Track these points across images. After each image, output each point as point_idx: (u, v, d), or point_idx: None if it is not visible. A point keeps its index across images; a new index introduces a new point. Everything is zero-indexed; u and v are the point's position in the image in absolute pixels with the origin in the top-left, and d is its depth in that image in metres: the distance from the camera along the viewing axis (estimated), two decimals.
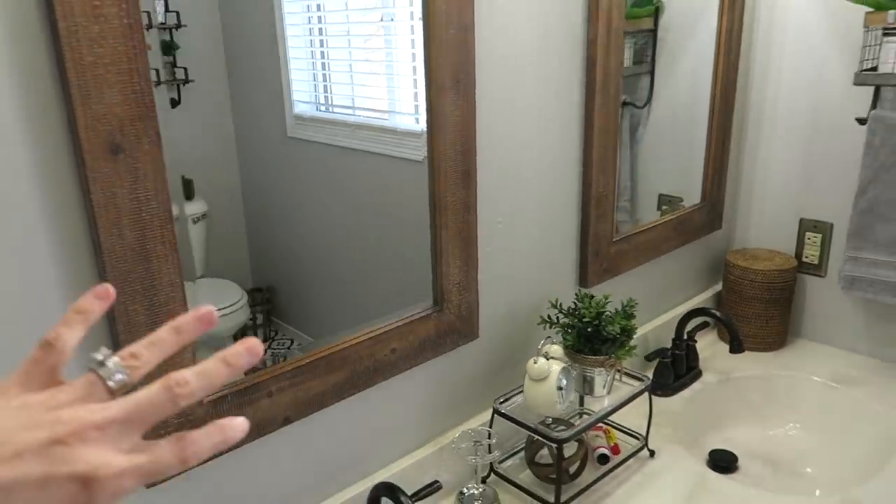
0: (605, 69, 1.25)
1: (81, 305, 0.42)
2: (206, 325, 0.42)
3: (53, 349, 0.40)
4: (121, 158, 0.72)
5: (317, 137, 1.36)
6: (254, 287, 1.42)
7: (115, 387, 0.39)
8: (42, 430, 0.35)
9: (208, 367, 0.40)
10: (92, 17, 0.66)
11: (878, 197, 1.45)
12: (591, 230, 1.34)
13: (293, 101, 1.35)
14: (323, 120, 1.34)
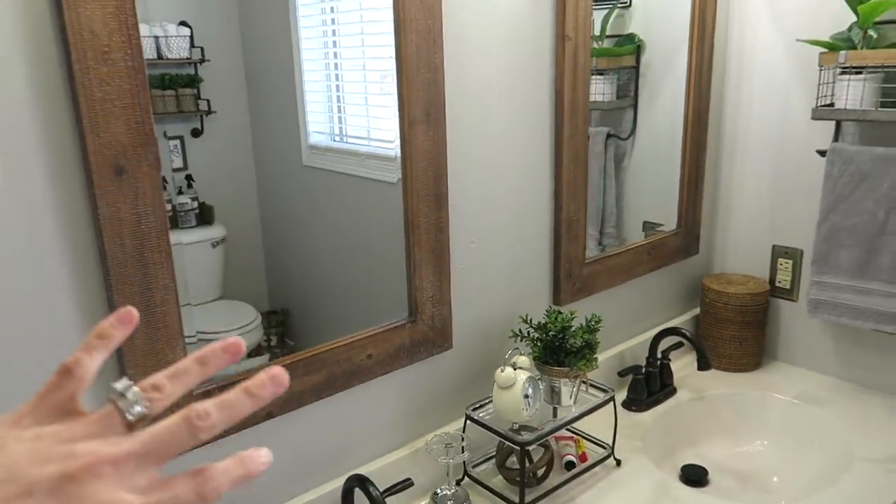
0: (573, 103, 1.37)
1: (104, 330, 0.40)
2: (233, 357, 0.40)
3: (72, 376, 0.38)
4: (124, 179, 0.85)
5: (330, 166, 1.45)
6: (269, 309, 1.48)
7: (133, 420, 0.37)
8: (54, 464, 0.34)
9: (231, 398, 0.38)
10: (102, 60, 0.80)
11: (837, 224, 1.53)
12: (563, 252, 1.44)
13: (309, 132, 1.43)
14: (337, 150, 1.43)
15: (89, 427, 0.36)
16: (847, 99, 1.44)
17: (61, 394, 0.38)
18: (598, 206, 1.71)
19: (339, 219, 1.47)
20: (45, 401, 0.37)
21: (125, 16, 0.80)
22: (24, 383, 0.83)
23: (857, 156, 1.49)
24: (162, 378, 0.39)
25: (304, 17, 1.34)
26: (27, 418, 0.37)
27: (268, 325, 1.45)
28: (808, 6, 1.59)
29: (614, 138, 1.72)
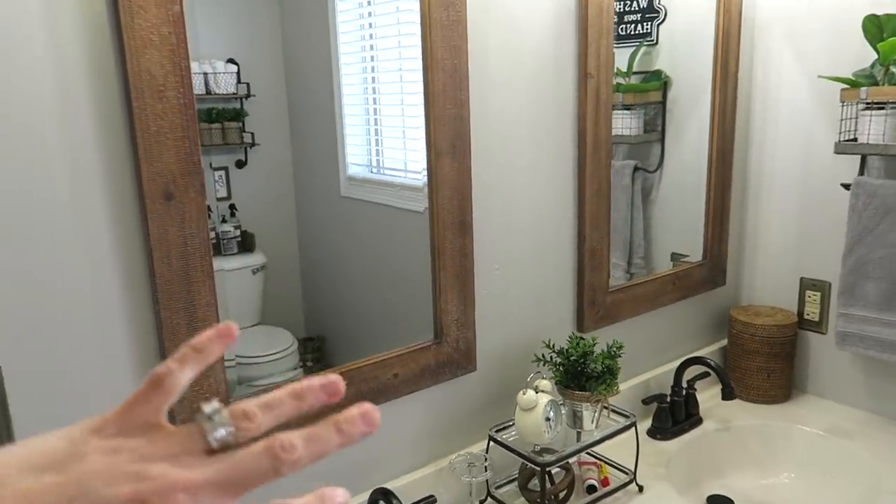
0: (596, 138, 1.43)
1: (200, 343, 0.39)
2: (331, 396, 0.39)
3: (162, 388, 0.37)
4: (172, 204, 0.93)
5: (367, 197, 1.51)
6: (306, 336, 1.53)
7: (216, 445, 0.35)
8: (127, 484, 0.33)
9: (319, 432, 0.36)
10: (157, 98, 0.89)
11: (863, 257, 1.54)
12: (587, 280, 1.49)
13: (347, 164, 1.50)
14: (374, 181, 1.50)
15: (169, 446, 0.35)
16: (869, 134, 1.46)
17: (148, 406, 0.36)
18: (625, 237, 1.75)
19: (374, 247, 1.52)
20: (131, 411, 0.36)
21: (179, 58, 0.90)
22: (76, 393, 0.91)
23: (880, 189, 1.50)
24: (254, 407, 0.36)
25: (345, 54, 1.43)
26: (110, 427, 0.35)
27: (304, 350, 1.51)
28: (830, 45, 1.63)
29: (641, 171, 1.77)
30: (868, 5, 1.52)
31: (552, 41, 1.35)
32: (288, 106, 1.45)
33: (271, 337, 1.53)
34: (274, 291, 1.54)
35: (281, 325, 1.55)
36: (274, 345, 1.50)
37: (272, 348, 1.49)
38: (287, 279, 1.54)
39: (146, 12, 0.86)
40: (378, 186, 1.48)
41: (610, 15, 1.40)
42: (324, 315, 1.58)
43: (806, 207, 1.75)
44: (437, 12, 1.14)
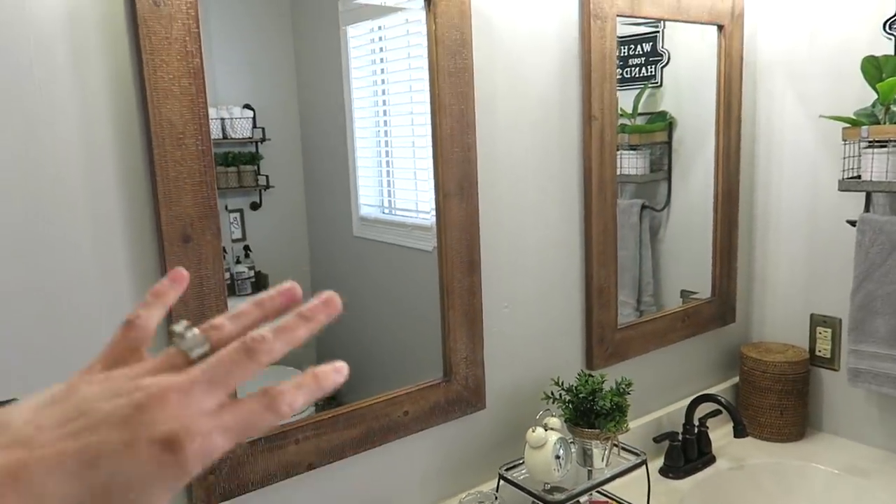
0: (601, 178, 1.46)
1: (158, 289, 0.44)
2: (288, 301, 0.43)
3: (135, 326, 0.41)
4: (190, 246, 0.97)
5: (379, 237, 1.54)
6: None
7: (196, 357, 0.38)
8: (123, 397, 0.35)
9: (287, 322, 0.40)
10: (177, 145, 0.94)
11: (872, 293, 1.55)
12: (595, 318, 1.50)
13: (360, 205, 1.53)
14: (386, 221, 1.52)
15: (155, 366, 0.38)
16: (873, 171, 1.49)
17: (126, 344, 0.40)
18: (634, 275, 1.77)
19: (385, 286, 1.55)
20: (111, 352, 0.40)
21: (198, 108, 0.95)
22: None
23: (887, 225, 1.52)
24: (220, 318, 0.41)
25: (357, 98, 1.47)
26: (97, 367, 0.39)
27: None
28: (831, 86, 1.66)
29: (649, 210, 1.80)
30: (866, 47, 1.55)
31: (557, 86, 1.39)
32: (302, 149, 1.48)
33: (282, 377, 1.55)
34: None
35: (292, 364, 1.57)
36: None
37: None
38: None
39: (168, 65, 0.91)
40: (390, 227, 1.51)
41: (612, 60, 1.45)
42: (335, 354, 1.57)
43: (813, 244, 1.77)
44: (444, 60, 1.18)
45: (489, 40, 1.27)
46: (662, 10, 1.52)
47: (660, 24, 1.67)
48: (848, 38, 1.62)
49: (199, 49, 0.94)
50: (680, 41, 1.71)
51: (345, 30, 1.41)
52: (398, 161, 1.48)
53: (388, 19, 1.38)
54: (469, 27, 1.21)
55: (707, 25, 1.67)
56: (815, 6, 1.68)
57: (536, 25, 1.34)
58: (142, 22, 0.89)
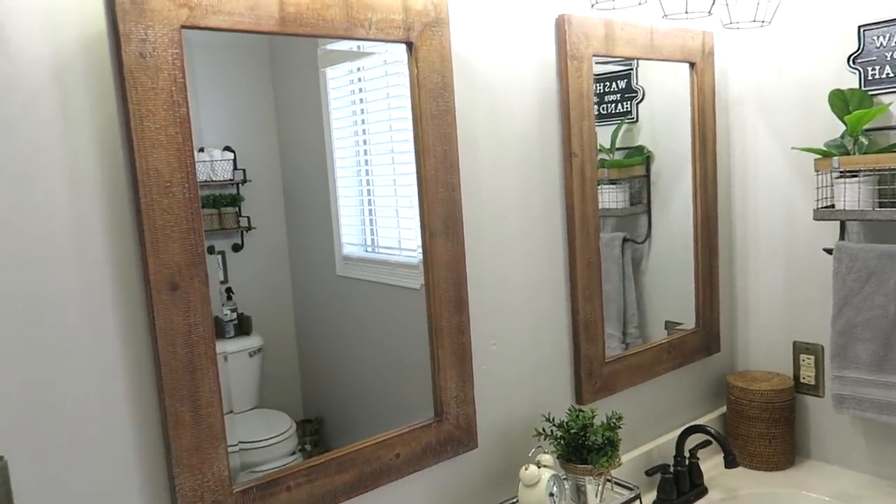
0: (583, 213, 1.48)
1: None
2: None
3: None
4: (178, 294, 0.97)
5: (363, 276, 1.53)
6: (304, 418, 1.53)
7: None
8: None
9: None
10: (164, 194, 0.94)
11: (851, 319, 1.58)
12: (583, 352, 1.51)
13: (343, 244, 1.53)
14: (369, 260, 1.52)
15: None
16: (845, 200, 1.53)
17: None
18: (618, 307, 1.78)
19: (370, 325, 1.54)
20: None
21: (184, 156, 0.95)
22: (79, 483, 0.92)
23: (861, 253, 1.55)
24: None
25: (338, 138, 1.48)
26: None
27: (302, 433, 1.50)
28: (801, 118, 1.72)
29: (630, 242, 1.82)
30: (832, 81, 1.61)
31: (537, 125, 1.42)
32: (283, 190, 1.49)
33: (269, 420, 1.52)
34: (271, 373, 1.54)
35: (278, 407, 1.54)
36: (272, 428, 1.49)
37: (271, 432, 1.48)
38: (284, 361, 1.55)
39: (154, 115, 0.92)
40: (373, 265, 1.51)
41: (590, 98, 1.48)
42: (321, 396, 1.58)
43: (792, 272, 1.80)
44: (426, 103, 1.21)
45: (470, 83, 1.30)
46: (636, 50, 1.57)
47: (633, 62, 1.72)
48: (814, 73, 1.68)
49: (186, 98, 0.95)
50: (653, 78, 1.75)
51: (324, 71, 1.43)
52: (380, 199, 1.49)
53: (367, 61, 1.40)
54: (450, 71, 1.23)
55: (679, 63, 1.72)
56: (782, 42, 1.74)
57: (515, 67, 1.37)
58: (128, 73, 0.90)
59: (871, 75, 1.57)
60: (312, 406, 1.55)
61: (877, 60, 1.56)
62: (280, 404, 1.54)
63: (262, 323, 1.49)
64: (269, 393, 1.54)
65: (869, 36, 1.57)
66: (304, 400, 1.57)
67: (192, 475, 0.99)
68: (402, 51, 1.20)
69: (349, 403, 1.55)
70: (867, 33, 1.57)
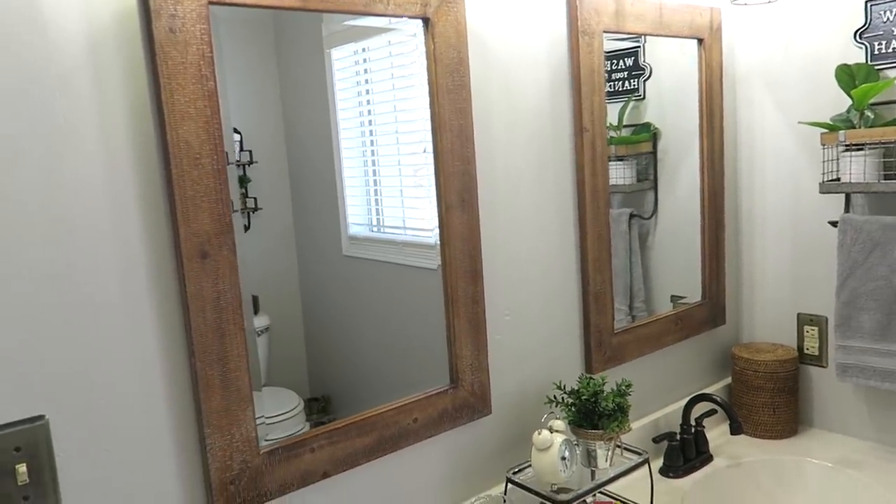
0: (594, 187, 1.51)
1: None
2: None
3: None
4: (207, 262, 1.00)
5: (369, 255, 1.55)
6: (311, 397, 1.55)
7: None
8: None
9: None
10: (194, 165, 0.97)
11: (856, 290, 1.61)
12: (592, 323, 1.55)
13: (349, 224, 1.55)
14: (375, 240, 1.54)
15: None
16: (851, 173, 1.56)
17: None
18: (625, 282, 1.81)
19: (377, 304, 1.56)
20: None
21: (213, 128, 0.99)
22: (118, 443, 0.96)
23: (866, 225, 1.58)
24: None
25: (343, 119, 1.49)
26: None
27: (309, 411, 1.52)
28: (807, 92, 1.74)
29: (637, 218, 1.85)
30: (838, 56, 1.63)
31: (549, 100, 1.45)
32: (289, 170, 1.51)
33: (278, 398, 1.55)
34: (278, 353, 1.56)
35: (285, 386, 1.57)
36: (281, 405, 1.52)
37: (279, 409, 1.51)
38: (291, 340, 1.57)
39: (184, 89, 0.95)
40: (379, 244, 1.54)
41: (601, 74, 1.51)
42: (328, 374, 1.61)
43: (798, 245, 1.83)
44: (443, 78, 1.23)
45: (484, 58, 1.32)
46: (646, 26, 1.59)
47: (641, 40, 1.74)
48: (821, 48, 1.70)
49: (213, 72, 0.98)
50: (660, 55, 1.78)
51: (329, 52, 1.45)
52: (385, 180, 1.52)
53: (372, 41, 1.42)
54: (465, 46, 1.26)
55: (687, 39, 1.74)
56: (789, 18, 1.76)
57: (528, 43, 1.40)
58: (159, 48, 0.93)
59: (878, 50, 1.59)
60: (319, 385, 1.58)
61: (883, 35, 1.58)
62: (287, 383, 1.56)
63: (269, 303, 1.51)
64: (277, 372, 1.56)
65: (876, 10, 1.59)
66: (311, 379, 1.60)
67: (222, 435, 1.04)
68: (410, 31, 1.23)
69: (355, 382, 1.58)
70: (874, 8, 1.59)
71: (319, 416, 1.55)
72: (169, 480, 1.02)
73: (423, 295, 1.42)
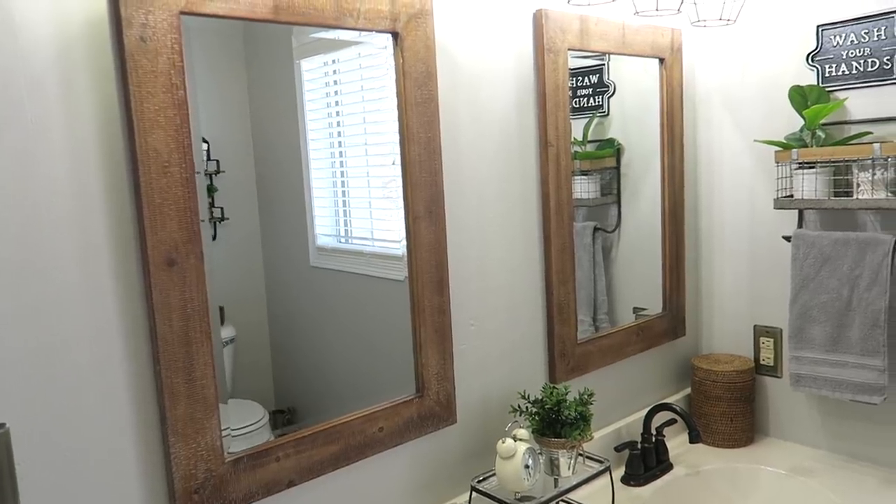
0: (558, 200, 1.55)
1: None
2: None
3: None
4: (175, 269, 1.01)
5: (337, 266, 1.55)
6: (276, 409, 1.53)
7: None
8: None
9: None
10: (163, 174, 0.98)
11: (807, 303, 1.67)
12: (556, 333, 1.58)
13: (316, 235, 1.54)
14: (343, 251, 1.54)
15: None
16: (803, 190, 1.62)
17: None
18: (589, 294, 1.85)
19: (344, 315, 1.56)
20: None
21: (182, 137, 0.99)
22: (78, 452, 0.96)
23: (817, 240, 1.65)
24: None
25: (312, 130, 1.49)
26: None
27: (274, 424, 1.50)
28: (763, 112, 1.81)
29: (601, 231, 1.90)
30: (792, 77, 1.70)
31: (515, 114, 1.48)
32: (257, 180, 1.50)
33: (243, 410, 1.54)
34: (243, 364, 1.55)
35: (250, 397, 1.55)
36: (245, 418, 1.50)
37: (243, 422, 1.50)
38: (257, 351, 1.56)
39: (154, 97, 0.96)
40: (347, 256, 1.54)
41: (565, 90, 1.55)
42: (294, 386, 1.60)
43: (754, 260, 1.90)
44: (411, 91, 1.26)
45: (452, 73, 1.35)
46: (609, 45, 1.64)
47: (605, 58, 1.79)
48: (776, 70, 1.77)
49: (184, 82, 0.99)
50: (624, 74, 1.83)
51: (299, 63, 1.46)
52: (354, 191, 1.52)
53: (342, 53, 1.43)
54: (434, 61, 1.29)
55: (649, 59, 1.79)
56: (746, 41, 1.83)
57: (495, 59, 1.43)
58: (129, 56, 0.94)
59: (829, 72, 1.67)
60: (285, 396, 1.57)
61: (834, 59, 1.66)
62: (253, 394, 1.54)
63: (235, 314, 1.50)
64: (242, 383, 1.55)
65: (827, 35, 1.66)
66: (277, 390, 1.59)
67: (187, 444, 1.04)
68: (380, 44, 1.25)
69: (321, 393, 1.57)
70: (825, 33, 1.67)
71: (285, 429, 1.51)
72: (132, 489, 1.01)
73: (390, 306, 1.42)
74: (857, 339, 1.61)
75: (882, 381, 1.58)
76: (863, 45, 1.61)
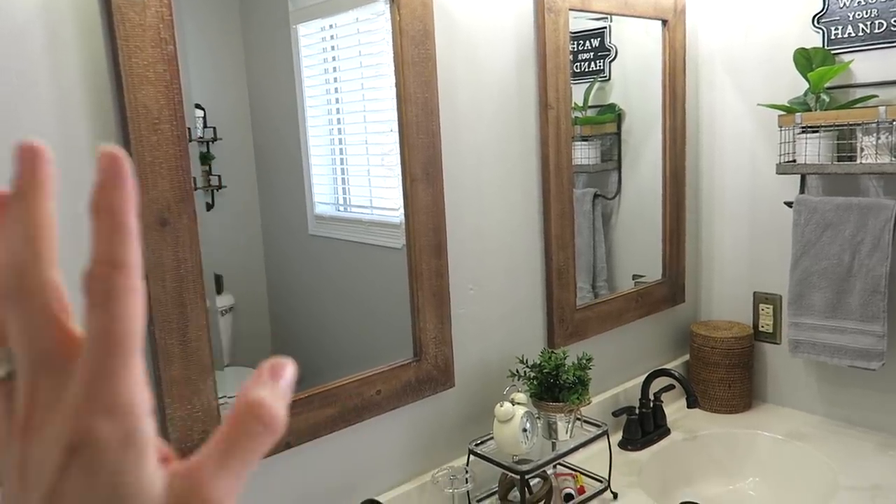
0: (558, 164, 1.53)
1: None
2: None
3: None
4: (167, 229, 0.99)
5: (335, 234, 1.54)
6: None
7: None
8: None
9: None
10: (153, 131, 0.96)
11: (808, 269, 1.66)
12: (555, 298, 1.57)
13: (315, 203, 1.53)
14: (341, 219, 1.53)
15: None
16: (806, 155, 1.60)
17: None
18: (588, 260, 1.84)
19: (342, 283, 1.55)
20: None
21: (172, 93, 0.97)
22: None
23: (819, 205, 1.63)
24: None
25: (310, 97, 1.47)
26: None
27: None
28: (766, 75, 1.78)
29: (601, 198, 1.88)
30: (797, 40, 1.67)
31: (514, 75, 1.45)
32: (254, 148, 1.48)
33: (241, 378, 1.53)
34: (242, 332, 1.55)
35: (250, 365, 1.56)
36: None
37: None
38: (255, 320, 1.56)
39: (142, 52, 0.94)
40: (345, 224, 1.53)
41: (566, 52, 1.52)
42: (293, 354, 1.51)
43: (754, 226, 1.88)
44: (408, 50, 1.23)
45: (450, 32, 1.32)
46: (611, 5, 1.61)
47: (607, 20, 1.75)
48: (780, 32, 1.74)
49: (173, 36, 0.96)
50: (626, 37, 1.79)
51: (295, 28, 1.43)
52: (352, 158, 1.50)
53: (339, 17, 1.40)
54: (431, 19, 1.26)
55: (652, 21, 1.76)
56: (750, 3, 1.79)
57: (494, 18, 1.40)
58: (115, 9, 0.91)
59: (835, 34, 1.63)
60: None
61: (840, 20, 1.62)
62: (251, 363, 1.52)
63: (234, 282, 1.49)
64: (240, 351, 1.54)
65: None
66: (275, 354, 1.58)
67: (182, 406, 1.03)
68: (378, 9, 1.22)
69: (320, 360, 1.57)
70: None
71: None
72: None
73: (388, 274, 1.42)
74: (857, 305, 1.60)
75: (881, 346, 1.58)
76: (870, 6, 1.57)
